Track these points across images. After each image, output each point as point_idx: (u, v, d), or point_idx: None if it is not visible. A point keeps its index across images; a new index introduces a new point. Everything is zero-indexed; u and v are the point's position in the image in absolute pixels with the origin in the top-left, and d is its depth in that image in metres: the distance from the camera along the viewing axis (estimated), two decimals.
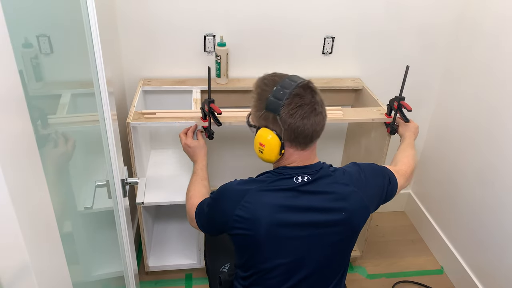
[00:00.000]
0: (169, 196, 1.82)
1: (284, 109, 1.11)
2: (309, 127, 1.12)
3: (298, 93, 1.12)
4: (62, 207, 1.00)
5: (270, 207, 1.12)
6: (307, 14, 1.93)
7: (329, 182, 1.17)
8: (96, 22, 0.89)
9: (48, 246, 0.72)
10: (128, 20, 1.84)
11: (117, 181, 1.09)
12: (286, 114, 1.11)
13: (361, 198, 1.17)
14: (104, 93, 0.97)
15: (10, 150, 0.58)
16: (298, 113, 1.11)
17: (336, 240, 1.18)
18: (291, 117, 1.11)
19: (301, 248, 1.16)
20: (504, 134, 1.76)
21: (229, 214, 1.15)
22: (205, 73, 1.89)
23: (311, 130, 1.13)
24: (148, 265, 2.00)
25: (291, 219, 1.13)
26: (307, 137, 1.14)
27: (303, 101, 1.11)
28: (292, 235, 1.14)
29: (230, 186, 1.20)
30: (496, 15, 1.80)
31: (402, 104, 1.65)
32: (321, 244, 1.17)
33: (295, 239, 1.15)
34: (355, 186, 1.18)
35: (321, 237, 1.16)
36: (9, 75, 0.58)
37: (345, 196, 1.16)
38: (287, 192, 1.14)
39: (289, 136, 1.14)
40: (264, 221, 1.11)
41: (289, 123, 1.11)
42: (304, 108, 1.11)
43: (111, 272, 1.44)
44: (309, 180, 1.15)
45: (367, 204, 1.19)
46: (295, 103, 1.11)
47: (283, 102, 1.11)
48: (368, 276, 2.15)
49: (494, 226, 1.83)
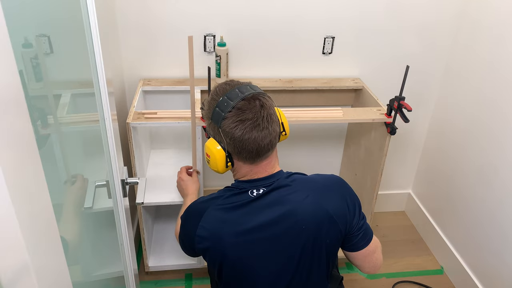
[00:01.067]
0: (169, 196, 1.82)
1: (225, 122, 1.08)
2: (252, 142, 1.08)
3: (240, 107, 1.08)
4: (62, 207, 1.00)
5: (228, 225, 1.10)
6: (307, 14, 1.93)
7: (286, 192, 1.12)
8: (96, 22, 0.89)
9: (48, 246, 0.72)
10: (128, 20, 1.84)
11: (117, 181, 1.09)
12: (228, 127, 1.08)
13: (319, 203, 1.11)
14: (104, 93, 0.97)
15: (10, 150, 0.58)
16: (239, 127, 1.07)
17: (301, 249, 1.11)
18: (232, 130, 1.08)
19: (271, 263, 1.12)
20: (505, 133, 1.76)
21: (192, 235, 1.14)
22: (205, 73, 1.89)
23: (255, 146, 1.09)
24: (148, 265, 2.00)
25: (251, 236, 1.09)
26: (252, 152, 1.10)
27: (244, 116, 1.07)
28: (257, 251, 1.10)
29: (191, 206, 1.21)
30: (496, 11, 1.80)
31: (402, 104, 1.65)
32: (290, 255, 1.11)
33: (262, 255, 1.11)
34: (312, 191, 1.12)
35: (287, 248, 1.11)
36: (9, 75, 0.58)
37: (300, 204, 1.10)
38: (242, 208, 1.11)
39: (234, 150, 1.11)
40: (226, 239, 1.09)
41: (231, 137, 1.08)
42: (245, 123, 1.07)
43: (111, 272, 1.44)
44: (264, 192, 1.12)
45: (329, 211, 1.10)
46: (237, 116, 1.07)
47: (225, 114, 1.08)
48: (368, 276, 2.15)
49: (495, 226, 1.83)
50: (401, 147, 2.37)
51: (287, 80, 2.03)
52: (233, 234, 1.09)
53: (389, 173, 2.43)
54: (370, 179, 1.96)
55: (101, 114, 1.00)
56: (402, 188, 2.56)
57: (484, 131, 1.88)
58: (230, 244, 1.09)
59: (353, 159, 2.18)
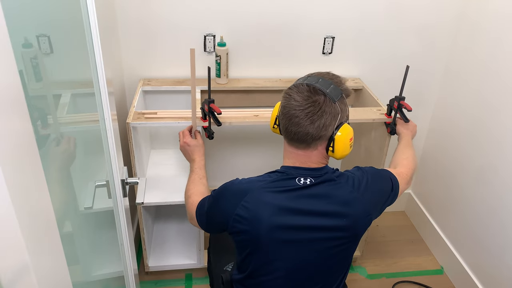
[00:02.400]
0: (169, 196, 1.82)
1: (287, 89, 1.14)
2: (286, 119, 1.12)
3: (300, 89, 1.11)
4: (62, 207, 1.00)
5: (271, 207, 1.11)
6: (307, 14, 1.93)
7: (332, 187, 1.15)
8: (96, 22, 0.89)
9: (48, 246, 0.72)
10: (128, 20, 1.84)
11: (117, 181, 1.09)
12: (290, 90, 1.13)
13: (364, 204, 1.15)
14: (104, 93, 0.97)
15: (10, 150, 0.58)
16: (293, 97, 1.11)
17: (337, 245, 1.16)
18: (287, 95, 1.13)
19: (301, 252, 1.15)
20: (505, 133, 1.76)
21: (230, 213, 1.14)
22: (205, 73, 1.89)
23: (286, 124, 1.12)
24: (148, 265, 2.00)
25: (291, 222, 1.11)
26: (283, 128, 1.14)
27: (296, 96, 1.10)
28: (292, 238, 1.13)
29: (232, 185, 1.20)
30: (496, 13, 1.80)
31: (402, 104, 1.65)
32: (322, 249, 1.15)
33: (295, 242, 1.13)
34: (358, 193, 1.15)
35: (321, 242, 1.14)
36: (9, 75, 0.58)
37: (347, 202, 1.13)
38: (288, 193, 1.12)
39: (280, 114, 1.16)
40: (265, 222, 1.10)
41: (282, 102, 1.14)
42: (297, 100, 1.10)
43: (111, 272, 1.44)
44: (312, 183, 1.13)
45: (370, 211, 1.16)
46: (293, 91, 1.12)
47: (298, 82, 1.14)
48: (368, 276, 2.15)
49: (495, 226, 1.83)
50: None
51: (287, 80, 2.03)
52: (276, 215, 1.11)
53: None
54: None
55: (101, 114, 1.00)
56: None
57: (484, 131, 1.88)
58: (269, 227, 1.11)
59: (353, 159, 2.18)
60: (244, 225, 1.12)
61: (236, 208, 1.13)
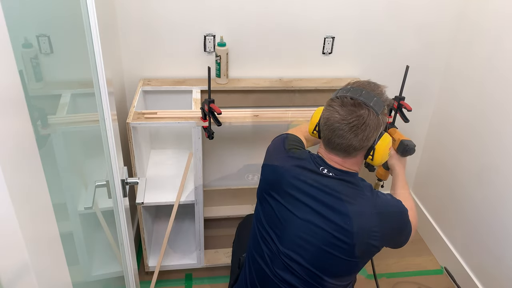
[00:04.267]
0: (169, 196, 1.82)
1: (330, 101, 1.17)
2: (328, 126, 1.14)
3: (348, 101, 1.13)
4: (62, 207, 1.00)
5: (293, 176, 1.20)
6: (307, 14, 1.93)
7: (352, 190, 1.15)
8: (96, 22, 0.89)
9: (48, 246, 0.72)
10: (128, 20, 1.84)
11: (117, 181, 1.09)
12: (328, 105, 1.17)
13: (374, 220, 1.13)
14: (104, 93, 0.97)
15: (10, 150, 0.58)
16: (333, 107, 1.14)
17: (331, 242, 1.14)
18: (329, 105, 1.16)
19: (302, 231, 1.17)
20: (505, 133, 1.76)
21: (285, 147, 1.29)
22: (205, 73, 1.89)
23: (329, 133, 1.15)
24: (148, 265, 2.00)
25: (304, 198, 1.17)
26: (325, 138, 1.17)
27: (344, 109, 1.12)
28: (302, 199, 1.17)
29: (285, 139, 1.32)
30: (495, 12, 1.80)
31: (402, 104, 1.65)
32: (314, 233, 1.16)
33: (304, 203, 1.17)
34: (374, 208, 1.14)
35: (322, 231, 1.15)
36: (9, 75, 0.58)
37: (359, 212, 1.13)
38: (309, 173, 1.18)
39: (321, 124, 1.19)
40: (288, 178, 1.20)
41: (323, 113, 1.17)
42: (338, 112, 1.13)
43: (111, 272, 1.44)
44: (332, 176, 1.17)
45: (377, 233, 1.14)
46: (341, 101, 1.14)
47: (339, 93, 1.16)
48: (368, 276, 2.15)
49: (495, 226, 1.83)
50: None
51: (287, 80, 2.03)
52: (294, 181, 1.19)
53: None
54: (370, 179, 1.96)
55: (101, 114, 1.00)
56: None
57: (484, 131, 1.88)
58: (288, 184, 1.19)
59: None
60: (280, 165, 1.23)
61: (284, 150, 1.27)
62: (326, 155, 1.20)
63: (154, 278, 1.91)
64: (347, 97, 1.13)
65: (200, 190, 1.79)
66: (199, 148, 1.68)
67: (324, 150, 1.21)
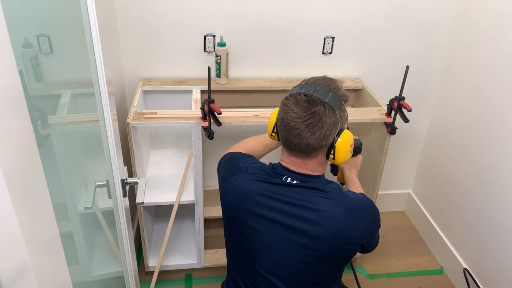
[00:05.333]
0: (169, 196, 1.82)
1: (288, 97, 1.12)
2: (286, 129, 1.09)
3: (302, 98, 1.08)
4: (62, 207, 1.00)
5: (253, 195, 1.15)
6: (307, 14, 1.93)
7: (319, 195, 1.11)
8: (96, 22, 0.89)
9: (48, 246, 0.72)
10: (128, 20, 1.84)
11: (117, 181, 1.09)
12: (286, 102, 1.11)
13: (344, 217, 1.09)
14: (104, 93, 0.97)
15: (10, 150, 0.58)
16: (289, 107, 1.09)
17: (310, 250, 1.11)
18: (284, 106, 1.11)
19: (276, 247, 1.13)
20: (505, 133, 1.76)
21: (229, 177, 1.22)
22: (205, 73, 1.89)
23: (286, 134, 1.10)
24: (148, 265, 2.00)
25: (270, 215, 1.13)
26: (283, 137, 1.12)
27: (298, 106, 1.07)
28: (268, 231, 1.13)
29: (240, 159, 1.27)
30: (496, 12, 1.80)
31: (402, 104, 1.65)
32: (293, 248, 1.12)
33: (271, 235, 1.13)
34: (343, 206, 1.11)
35: (294, 243, 1.11)
36: (9, 75, 0.58)
37: (329, 217, 1.09)
38: (272, 186, 1.14)
39: (277, 122, 1.15)
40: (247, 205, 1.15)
41: (281, 108, 1.12)
42: (293, 110, 1.08)
43: (111, 272, 1.44)
44: (297, 184, 1.12)
45: (352, 233, 1.10)
46: (295, 100, 1.09)
47: (293, 91, 1.12)
48: (368, 276, 2.15)
49: (495, 226, 1.83)
50: (401, 147, 2.37)
51: (287, 80, 2.03)
52: (256, 204, 1.13)
53: (389, 173, 2.43)
54: (370, 179, 1.96)
55: (101, 114, 1.00)
56: (402, 188, 2.56)
57: (484, 131, 1.88)
58: (249, 212, 1.14)
59: None
60: (232, 193, 1.18)
61: (231, 177, 1.20)
62: (287, 159, 1.16)
63: (154, 278, 1.91)
64: (301, 94, 1.09)
65: (200, 190, 1.79)
66: (199, 148, 1.68)
67: (285, 153, 1.16)
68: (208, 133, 1.61)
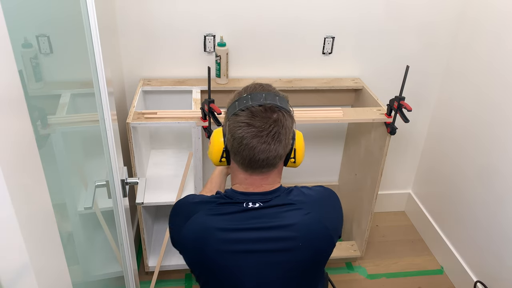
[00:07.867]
0: (169, 196, 1.82)
1: (235, 118, 1.02)
2: (248, 150, 1.00)
3: (254, 112, 1.00)
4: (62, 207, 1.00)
5: (216, 234, 1.04)
6: (307, 14, 1.93)
7: (285, 209, 1.06)
8: (96, 22, 0.89)
9: (48, 246, 0.72)
10: (128, 20, 1.84)
11: (117, 181, 1.09)
12: (234, 124, 1.02)
13: (318, 219, 1.06)
14: (104, 93, 0.97)
15: (10, 150, 0.58)
16: (243, 129, 1.00)
17: (295, 265, 1.07)
18: (236, 129, 1.01)
19: (261, 275, 1.06)
20: (506, 133, 1.76)
21: (178, 232, 1.10)
22: (205, 73, 1.89)
23: (250, 155, 1.01)
24: (148, 265, 2.00)
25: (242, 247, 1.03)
26: (245, 160, 1.03)
27: (253, 121, 0.99)
28: (246, 262, 1.04)
29: (182, 204, 1.15)
30: (496, 12, 1.80)
31: (402, 104, 1.65)
32: (282, 271, 1.06)
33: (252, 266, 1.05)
34: (312, 207, 1.06)
35: (279, 263, 1.05)
36: (9, 75, 0.58)
37: (298, 222, 1.04)
38: (235, 217, 1.05)
39: (231, 148, 1.05)
40: (212, 248, 1.03)
41: (232, 134, 1.02)
42: (250, 128, 1.00)
43: (111, 272, 1.44)
44: (261, 206, 1.05)
45: (327, 226, 1.06)
46: (247, 117, 1.00)
47: (237, 111, 1.02)
48: (368, 276, 2.15)
49: (495, 226, 1.83)
50: (401, 147, 2.37)
51: (287, 80, 2.03)
52: (221, 242, 1.03)
53: (389, 173, 2.43)
54: (370, 179, 1.96)
55: (101, 114, 1.00)
56: (402, 188, 2.56)
57: (484, 131, 1.88)
58: (215, 252, 1.04)
59: (353, 159, 2.18)
60: (189, 246, 1.07)
61: (181, 229, 1.07)
62: (244, 181, 1.07)
63: (154, 278, 1.91)
64: (254, 106, 1.00)
65: (200, 190, 1.79)
66: (199, 148, 1.68)
67: (241, 176, 1.07)
68: (208, 133, 1.61)
